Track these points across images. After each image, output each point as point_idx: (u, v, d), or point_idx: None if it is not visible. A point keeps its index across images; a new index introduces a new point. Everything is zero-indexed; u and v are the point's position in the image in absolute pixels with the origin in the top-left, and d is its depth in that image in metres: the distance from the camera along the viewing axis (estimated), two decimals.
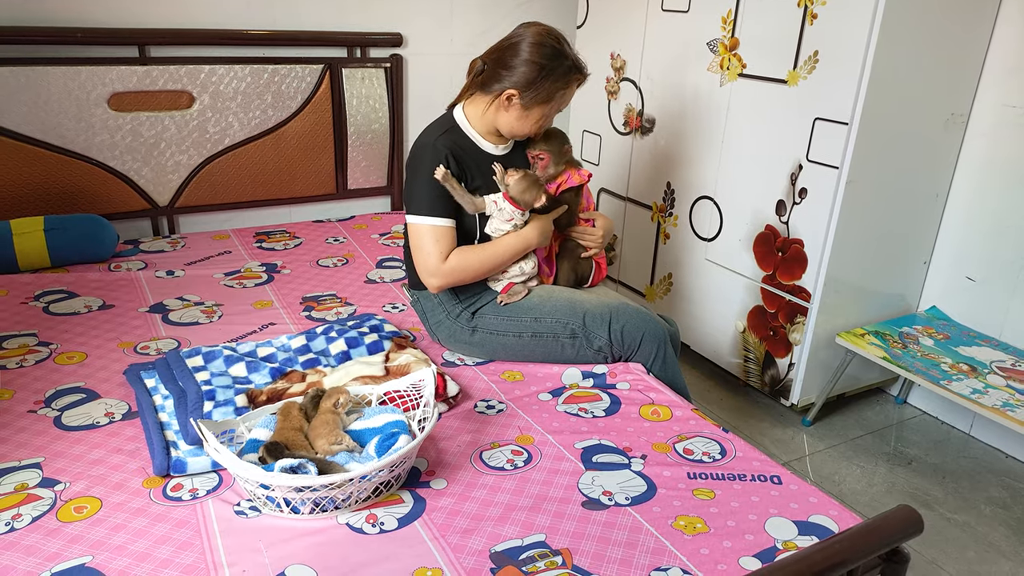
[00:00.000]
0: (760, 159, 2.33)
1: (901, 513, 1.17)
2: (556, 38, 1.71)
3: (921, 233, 2.42)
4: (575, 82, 1.75)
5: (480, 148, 1.80)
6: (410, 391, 1.52)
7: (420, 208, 1.74)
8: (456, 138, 1.77)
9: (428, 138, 1.76)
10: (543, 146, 1.84)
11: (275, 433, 1.34)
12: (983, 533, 1.99)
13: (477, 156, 1.79)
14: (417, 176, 1.75)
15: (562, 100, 1.76)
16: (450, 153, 1.72)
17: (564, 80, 1.71)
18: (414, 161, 1.77)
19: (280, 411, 1.39)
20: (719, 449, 1.50)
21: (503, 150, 1.83)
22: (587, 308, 1.78)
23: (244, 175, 2.69)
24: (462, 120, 1.80)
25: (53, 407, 1.55)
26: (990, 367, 2.18)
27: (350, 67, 2.75)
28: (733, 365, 2.58)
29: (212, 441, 1.23)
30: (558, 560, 1.18)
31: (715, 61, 2.43)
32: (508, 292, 1.81)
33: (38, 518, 1.24)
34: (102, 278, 2.19)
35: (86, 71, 2.35)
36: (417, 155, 1.77)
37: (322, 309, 2.07)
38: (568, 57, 1.71)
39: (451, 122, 1.80)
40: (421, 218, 1.73)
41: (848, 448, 2.34)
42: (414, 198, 1.76)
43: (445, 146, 1.73)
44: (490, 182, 1.78)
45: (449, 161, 1.72)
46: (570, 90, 1.75)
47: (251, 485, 1.24)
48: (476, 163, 1.78)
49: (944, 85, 2.20)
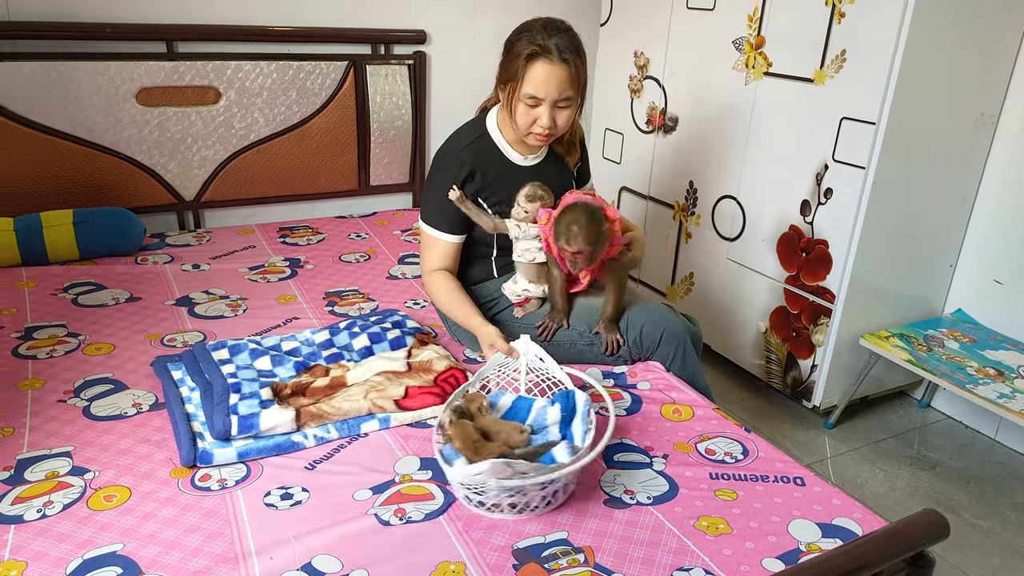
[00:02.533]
0: (785, 158, 2.31)
1: (926, 517, 1.16)
2: (542, 21, 1.62)
3: (948, 235, 2.39)
4: (537, 60, 1.59)
5: (507, 159, 1.77)
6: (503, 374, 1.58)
7: (428, 217, 1.79)
8: (483, 148, 1.74)
9: (455, 146, 1.75)
10: (582, 241, 1.57)
11: (463, 450, 1.30)
12: (1008, 539, 1.97)
13: (503, 167, 1.76)
14: (432, 183, 1.77)
15: (527, 81, 1.60)
16: (473, 166, 1.71)
17: (524, 57, 1.59)
18: (436, 165, 1.78)
19: (455, 435, 1.32)
20: (741, 449, 1.49)
21: (532, 160, 1.79)
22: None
23: (268, 171, 2.72)
24: (493, 128, 1.77)
25: (82, 397, 1.58)
26: (1017, 371, 2.15)
27: (374, 64, 2.77)
28: (755, 366, 2.57)
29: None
30: (580, 558, 1.19)
31: (740, 59, 2.42)
32: (523, 306, 1.83)
33: (69, 506, 1.26)
34: (129, 271, 2.22)
35: (115, 66, 2.38)
36: (439, 161, 1.77)
37: (345, 304, 2.08)
38: (537, 34, 1.59)
39: (481, 129, 1.77)
40: (426, 226, 1.80)
41: (871, 451, 2.32)
42: (424, 204, 1.81)
43: (468, 158, 1.71)
44: (513, 194, 1.73)
45: (469, 174, 1.71)
46: (535, 71, 1.60)
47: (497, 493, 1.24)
48: (501, 175, 1.76)
49: (974, 85, 2.17)
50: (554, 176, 1.81)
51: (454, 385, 1.60)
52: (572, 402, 1.46)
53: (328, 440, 1.46)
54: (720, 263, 2.62)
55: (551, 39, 1.60)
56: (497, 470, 1.18)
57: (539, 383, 1.60)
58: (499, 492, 1.22)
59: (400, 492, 1.32)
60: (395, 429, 1.51)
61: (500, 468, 1.18)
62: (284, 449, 1.42)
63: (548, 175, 1.79)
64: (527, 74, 1.61)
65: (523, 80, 1.62)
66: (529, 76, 1.61)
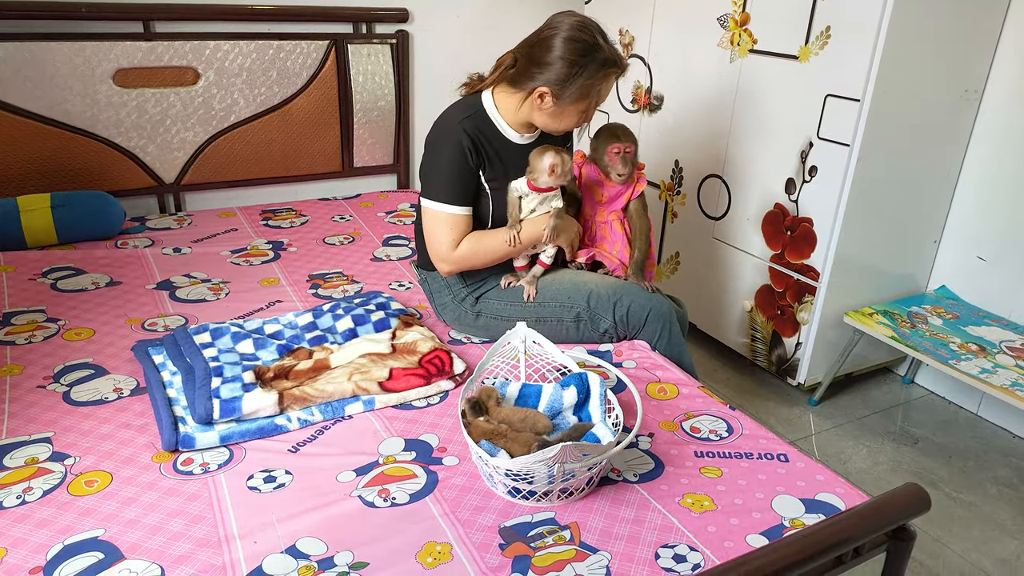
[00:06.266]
0: (770, 136, 2.31)
1: (908, 491, 1.17)
2: (591, 31, 1.64)
3: (932, 212, 2.40)
4: (612, 76, 1.68)
5: (504, 136, 1.76)
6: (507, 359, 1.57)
7: (437, 194, 1.72)
8: (480, 123, 1.73)
9: (452, 119, 1.72)
10: (626, 142, 1.78)
11: (494, 440, 1.30)
12: (989, 512, 1.99)
13: (499, 143, 1.75)
14: (436, 158, 1.72)
15: (599, 95, 1.70)
16: (472, 138, 1.69)
17: (598, 76, 1.64)
18: (435, 141, 1.73)
19: (482, 433, 1.32)
20: (726, 427, 1.50)
21: (527, 139, 1.79)
22: (591, 290, 1.76)
23: (250, 152, 2.68)
24: (490, 106, 1.75)
25: (62, 382, 1.56)
26: (999, 347, 2.17)
27: (356, 43, 2.73)
28: (740, 344, 2.58)
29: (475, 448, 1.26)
30: (566, 535, 1.19)
31: (725, 37, 2.40)
32: (518, 273, 1.83)
33: (49, 491, 1.25)
34: (109, 255, 2.19)
35: (91, 47, 2.33)
36: (439, 136, 1.73)
37: (329, 287, 2.06)
38: (603, 50, 1.63)
39: (477, 106, 1.75)
40: (437, 204, 1.72)
41: (854, 427, 2.34)
42: (431, 182, 1.73)
43: (470, 129, 1.69)
44: (508, 171, 1.75)
45: (472, 145, 1.69)
46: (607, 84, 1.69)
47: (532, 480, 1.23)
48: (497, 151, 1.75)
49: (957, 61, 2.17)
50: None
51: (439, 367, 1.59)
52: (586, 384, 1.45)
53: (312, 423, 1.45)
54: (706, 242, 2.62)
55: (608, 44, 1.65)
56: (567, 453, 1.17)
57: (538, 369, 1.59)
58: (551, 479, 1.21)
59: (384, 473, 1.32)
60: (380, 411, 1.51)
61: (570, 451, 1.17)
62: (267, 432, 1.41)
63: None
64: (601, 90, 1.69)
65: (595, 95, 1.69)
66: (604, 90, 1.70)
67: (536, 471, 1.20)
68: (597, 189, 1.83)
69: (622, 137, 1.78)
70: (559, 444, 1.16)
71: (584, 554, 1.15)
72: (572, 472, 1.22)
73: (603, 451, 1.22)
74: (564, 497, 1.26)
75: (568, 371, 1.54)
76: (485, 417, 1.35)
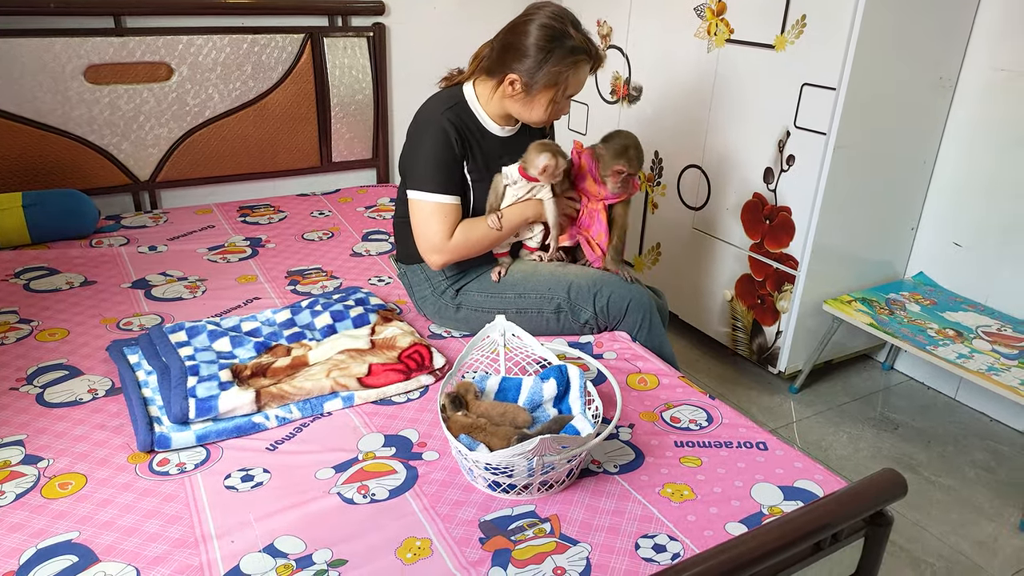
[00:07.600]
0: (748, 126, 2.31)
1: (885, 476, 1.18)
2: (563, 20, 1.63)
3: (909, 199, 2.41)
4: (581, 64, 1.66)
5: (485, 128, 1.76)
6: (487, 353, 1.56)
7: (425, 184, 1.70)
8: (463, 114, 1.72)
9: (434, 109, 1.71)
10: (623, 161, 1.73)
11: (474, 434, 1.31)
12: (967, 496, 2.02)
13: (481, 135, 1.75)
14: (421, 149, 1.70)
15: (569, 84, 1.67)
16: (456, 128, 1.68)
17: (566, 63, 1.63)
18: (418, 132, 1.72)
19: (460, 428, 1.32)
20: (706, 416, 1.50)
21: (508, 132, 1.79)
22: (572, 281, 1.76)
23: (226, 148, 2.65)
24: (471, 97, 1.75)
25: (35, 384, 1.53)
26: (976, 332, 2.19)
27: (332, 36, 2.70)
28: (721, 334, 2.59)
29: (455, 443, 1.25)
30: (547, 528, 1.19)
31: (702, 27, 2.40)
32: (502, 259, 1.83)
33: (22, 495, 1.23)
34: (84, 254, 2.16)
35: (60, 43, 2.29)
36: (422, 126, 1.72)
37: (307, 283, 2.05)
38: (572, 38, 1.62)
39: (459, 97, 1.74)
40: (427, 195, 1.70)
41: (835, 414, 2.36)
42: (417, 173, 1.71)
43: (453, 119, 1.69)
44: (489, 163, 1.75)
45: (457, 135, 1.68)
46: (578, 74, 1.67)
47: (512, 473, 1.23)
48: (479, 142, 1.74)
49: (932, 49, 2.18)
50: (527, 146, 1.81)
51: (418, 362, 1.58)
52: (566, 376, 1.45)
53: (290, 420, 1.44)
54: (686, 232, 2.63)
55: (579, 33, 1.65)
56: (546, 446, 1.16)
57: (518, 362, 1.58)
58: (531, 471, 1.21)
59: (363, 470, 1.31)
60: (359, 407, 1.50)
61: (549, 444, 1.17)
62: (245, 431, 1.40)
63: (522, 146, 1.78)
64: (571, 78, 1.67)
65: (567, 84, 1.67)
66: (573, 80, 1.67)
67: (516, 464, 1.20)
68: (591, 182, 1.82)
69: (632, 163, 1.74)
70: (538, 437, 1.16)
71: (564, 546, 1.15)
72: (552, 465, 1.22)
73: (582, 443, 1.22)
74: (544, 490, 1.26)
75: (548, 364, 1.53)
76: (464, 411, 1.35)
